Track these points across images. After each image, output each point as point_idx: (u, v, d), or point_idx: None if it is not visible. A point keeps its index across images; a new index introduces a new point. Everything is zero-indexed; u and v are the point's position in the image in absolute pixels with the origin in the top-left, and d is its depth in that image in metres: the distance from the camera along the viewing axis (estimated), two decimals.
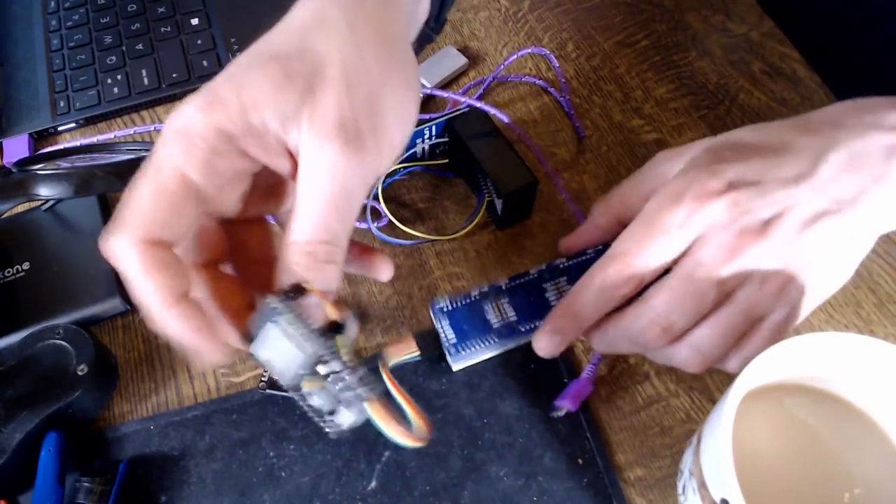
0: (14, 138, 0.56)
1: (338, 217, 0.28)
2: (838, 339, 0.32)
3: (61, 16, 0.62)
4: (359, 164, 0.28)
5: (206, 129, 0.27)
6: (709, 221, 0.31)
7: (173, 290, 0.27)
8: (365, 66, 0.29)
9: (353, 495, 0.40)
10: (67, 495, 0.40)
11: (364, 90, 0.28)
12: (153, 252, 0.26)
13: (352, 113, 0.28)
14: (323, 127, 0.27)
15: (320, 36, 0.29)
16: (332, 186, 0.27)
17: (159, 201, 0.27)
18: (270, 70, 0.28)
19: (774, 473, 0.34)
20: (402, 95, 0.30)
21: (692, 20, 0.58)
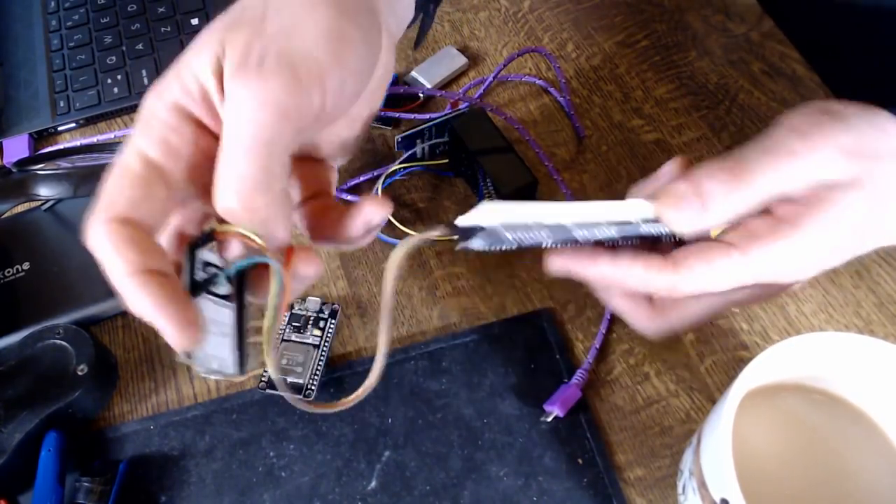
0: (14, 138, 0.56)
1: (244, 156, 0.26)
2: (838, 339, 0.32)
3: (61, 16, 0.62)
4: (257, 91, 0.26)
5: (159, 109, 0.28)
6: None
7: (135, 264, 0.26)
8: (286, 4, 0.28)
9: (353, 495, 0.40)
10: (67, 495, 0.39)
11: (277, 21, 0.28)
12: (119, 229, 0.26)
13: (257, 41, 0.27)
14: (228, 62, 0.27)
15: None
16: (235, 120, 0.27)
17: (123, 182, 0.27)
18: (204, 39, 0.28)
19: (774, 473, 0.34)
20: (332, 25, 0.29)
21: (692, 20, 0.58)
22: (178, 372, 0.45)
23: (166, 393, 0.44)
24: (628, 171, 0.51)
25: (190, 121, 0.28)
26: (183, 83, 0.28)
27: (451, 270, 0.47)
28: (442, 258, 0.48)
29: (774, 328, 0.44)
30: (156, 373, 0.45)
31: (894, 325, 0.43)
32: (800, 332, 0.44)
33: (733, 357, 0.43)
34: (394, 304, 0.30)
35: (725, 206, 0.31)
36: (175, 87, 0.28)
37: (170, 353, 0.45)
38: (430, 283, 0.47)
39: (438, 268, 0.47)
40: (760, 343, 0.43)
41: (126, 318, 0.47)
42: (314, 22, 0.28)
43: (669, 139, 0.52)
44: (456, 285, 0.47)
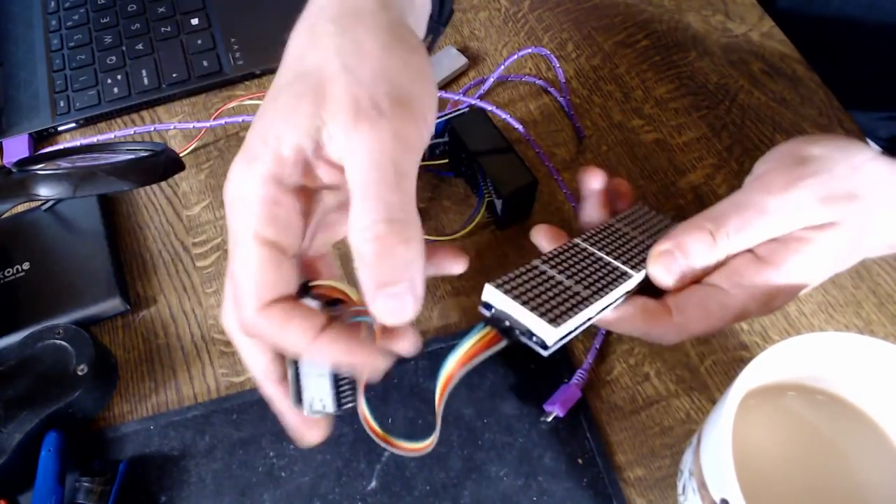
0: (14, 138, 0.56)
1: (389, 188, 0.26)
2: (838, 339, 0.32)
3: (61, 16, 0.62)
4: (387, 129, 0.27)
5: (254, 185, 0.28)
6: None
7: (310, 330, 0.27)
8: (362, 49, 0.29)
9: (353, 495, 0.40)
10: (67, 495, 0.39)
11: (367, 67, 0.28)
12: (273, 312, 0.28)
13: (362, 89, 0.27)
14: (340, 115, 0.27)
15: (315, 50, 0.29)
16: (371, 160, 0.27)
17: (254, 270, 0.28)
18: (281, 101, 0.28)
19: (774, 473, 0.34)
20: (410, 61, 0.30)
21: (692, 20, 0.58)
22: (178, 372, 0.45)
23: (166, 393, 0.44)
24: (628, 171, 0.51)
25: (288, 190, 0.28)
26: (274, 151, 0.28)
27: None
28: None
29: (774, 328, 0.44)
30: (156, 373, 0.45)
31: (894, 325, 0.43)
32: (800, 332, 0.44)
33: (733, 357, 0.43)
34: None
35: (705, 264, 0.35)
36: (265, 157, 0.28)
37: (170, 354, 0.46)
38: (430, 283, 0.47)
39: None
40: (760, 343, 0.43)
41: (126, 318, 0.47)
42: (402, 62, 0.29)
43: (669, 139, 0.52)
44: (456, 285, 0.47)
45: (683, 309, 0.34)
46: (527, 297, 0.31)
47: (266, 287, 0.28)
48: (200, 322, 0.47)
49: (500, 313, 0.31)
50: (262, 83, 0.58)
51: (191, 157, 0.54)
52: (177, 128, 0.55)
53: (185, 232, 0.51)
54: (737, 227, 0.34)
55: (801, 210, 0.33)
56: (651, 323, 0.34)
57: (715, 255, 0.34)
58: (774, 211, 0.34)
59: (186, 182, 0.53)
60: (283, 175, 0.28)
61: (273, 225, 0.28)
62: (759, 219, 0.34)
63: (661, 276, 0.35)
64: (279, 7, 0.60)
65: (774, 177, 0.35)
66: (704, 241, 0.34)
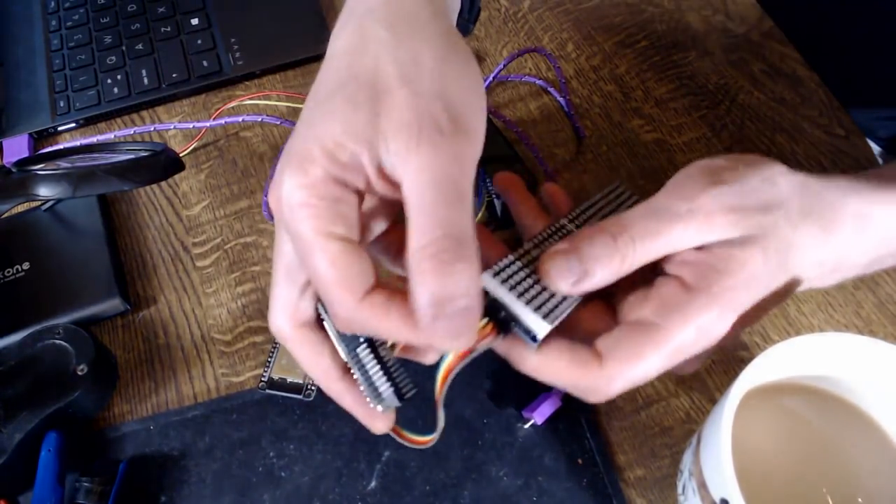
0: (14, 138, 0.56)
1: (448, 206, 0.26)
2: (838, 339, 0.32)
3: (61, 16, 0.62)
4: (448, 150, 0.27)
5: (318, 188, 0.27)
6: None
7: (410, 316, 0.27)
8: (419, 61, 0.28)
9: (353, 495, 0.40)
10: (67, 495, 0.39)
11: (426, 81, 0.28)
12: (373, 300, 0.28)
13: (423, 107, 0.27)
14: (401, 129, 0.27)
15: (368, 54, 0.29)
16: (431, 178, 0.26)
17: (341, 264, 0.27)
18: (336, 107, 0.28)
19: (774, 473, 0.34)
20: (465, 74, 0.29)
21: (692, 20, 0.58)
22: (178, 372, 0.45)
23: (166, 393, 0.44)
24: (628, 171, 0.51)
25: (347, 188, 0.28)
26: (331, 155, 0.27)
27: None
28: None
29: (774, 328, 0.44)
30: (156, 373, 0.45)
31: (894, 325, 0.43)
32: (800, 332, 0.44)
33: (733, 357, 0.43)
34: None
35: (606, 271, 0.31)
36: (322, 161, 0.27)
37: (170, 354, 0.46)
38: None
39: None
40: (760, 343, 0.43)
41: (126, 318, 0.47)
42: (458, 79, 0.29)
43: (669, 139, 0.52)
44: None
45: (613, 353, 0.30)
46: (521, 288, 0.31)
47: (359, 278, 0.27)
48: (200, 322, 0.47)
49: (496, 302, 0.32)
50: (262, 83, 0.58)
51: (191, 157, 0.54)
52: (177, 128, 0.55)
53: (185, 232, 0.51)
54: (643, 232, 0.31)
55: (712, 218, 0.31)
56: (576, 373, 0.31)
57: (616, 262, 0.31)
58: (686, 216, 0.31)
59: (186, 182, 0.53)
60: (342, 176, 0.27)
61: (343, 223, 0.27)
62: (668, 224, 0.31)
63: (553, 280, 0.31)
64: (279, 7, 0.60)
65: (686, 184, 0.32)
66: (604, 244, 0.31)
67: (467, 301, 0.26)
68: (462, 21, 0.41)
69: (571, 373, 0.31)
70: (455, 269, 0.26)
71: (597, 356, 0.31)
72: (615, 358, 0.30)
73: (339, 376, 0.31)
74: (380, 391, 0.31)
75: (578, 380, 0.31)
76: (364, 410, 0.32)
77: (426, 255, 0.26)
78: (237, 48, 0.59)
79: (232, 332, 0.46)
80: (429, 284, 0.26)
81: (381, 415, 0.32)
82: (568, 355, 0.31)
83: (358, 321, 0.28)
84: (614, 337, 0.31)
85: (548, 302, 0.31)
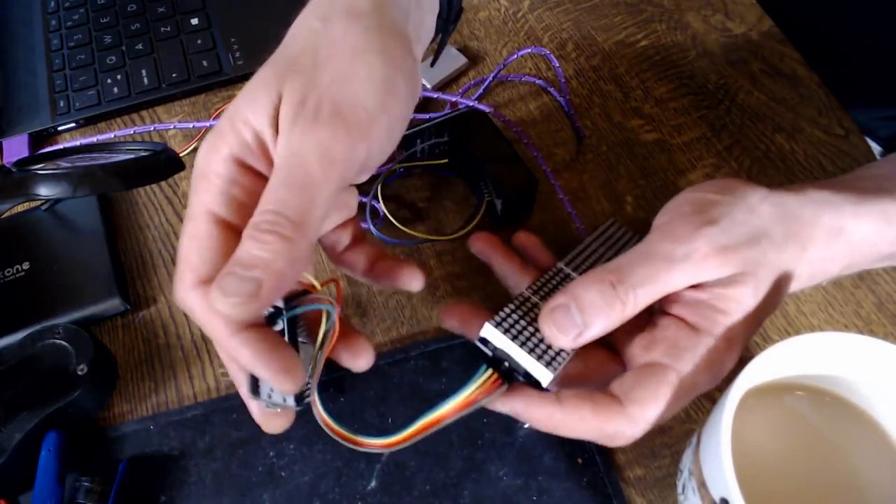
0: (14, 138, 0.56)
1: (288, 189, 0.27)
2: (838, 339, 0.32)
3: (61, 16, 0.62)
4: (314, 137, 0.27)
5: (217, 164, 0.28)
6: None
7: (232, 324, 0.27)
8: (333, 52, 0.29)
9: (353, 495, 0.40)
10: (67, 495, 0.39)
11: (329, 71, 0.28)
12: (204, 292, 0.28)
13: (312, 92, 0.28)
14: (286, 111, 0.28)
15: (297, 43, 0.30)
16: (285, 160, 0.27)
17: (199, 244, 0.28)
18: (252, 85, 0.29)
19: (774, 473, 0.34)
20: (377, 71, 0.29)
21: (692, 20, 0.58)
22: (178, 372, 0.45)
23: (166, 393, 0.44)
24: (628, 171, 0.51)
25: (247, 171, 0.29)
26: (238, 134, 0.28)
27: (450, 270, 0.47)
28: (442, 258, 0.48)
29: (774, 328, 0.44)
30: (156, 373, 0.45)
31: (894, 325, 0.43)
32: (799, 331, 0.44)
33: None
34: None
35: (607, 321, 0.31)
36: (230, 138, 0.28)
37: (170, 354, 0.46)
38: (430, 283, 0.47)
39: (438, 268, 0.47)
40: (760, 343, 0.43)
41: (126, 318, 0.47)
42: (366, 72, 0.29)
43: (669, 139, 0.52)
44: (456, 285, 0.47)
45: (633, 396, 0.31)
46: (523, 337, 0.32)
47: (205, 264, 0.28)
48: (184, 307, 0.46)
49: (498, 352, 0.33)
50: None
51: (191, 156, 0.54)
52: (177, 127, 0.55)
53: None
54: (642, 279, 0.31)
55: (707, 260, 0.31)
56: (603, 418, 0.31)
57: (617, 312, 0.31)
58: (682, 260, 0.31)
59: (186, 182, 0.53)
60: (245, 157, 0.28)
61: (227, 204, 0.28)
62: (666, 269, 0.31)
63: (553, 336, 0.31)
64: (279, 7, 0.60)
65: (677, 225, 0.33)
66: (605, 294, 0.31)
67: (261, 273, 0.25)
68: (441, 22, 0.41)
69: (597, 420, 0.31)
70: (265, 239, 0.26)
71: (616, 400, 0.31)
72: (636, 401, 0.31)
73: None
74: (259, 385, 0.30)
75: (604, 426, 0.31)
76: (256, 408, 0.32)
77: (249, 227, 0.26)
78: (237, 48, 0.59)
79: None
80: (241, 247, 0.26)
81: (270, 414, 0.32)
82: (589, 403, 0.31)
83: (183, 303, 0.28)
84: (630, 381, 0.32)
85: (549, 349, 0.32)
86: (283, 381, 0.27)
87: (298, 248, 0.26)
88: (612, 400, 0.31)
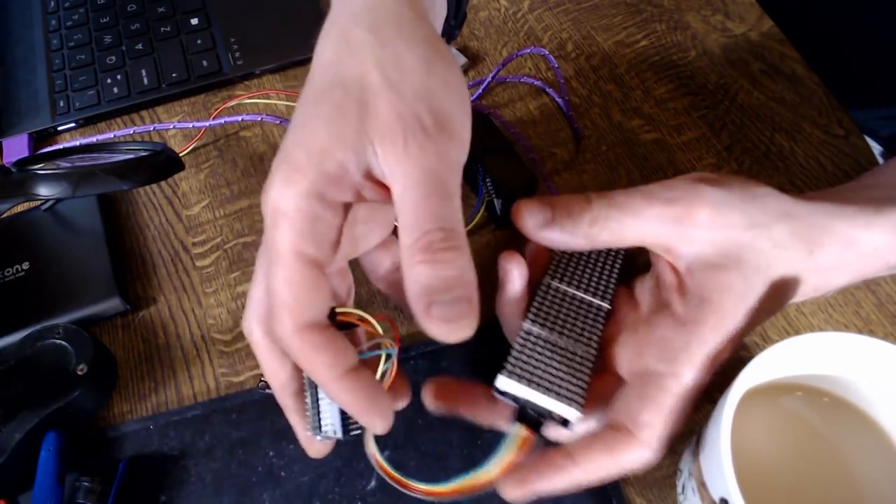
0: (14, 138, 0.56)
1: (438, 202, 0.27)
2: (838, 339, 0.32)
3: (61, 16, 0.62)
4: (433, 150, 0.27)
5: (296, 200, 0.27)
6: None
7: (334, 369, 0.28)
8: (403, 65, 0.28)
9: (353, 495, 0.40)
10: (67, 495, 0.39)
11: (409, 84, 0.28)
12: (310, 338, 0.28)
13: (407, 108, 0.27)
14: (386, 133, 0.27)
15: (353, 59, 0.29)
16: (419, 178, 0.27)
17: (295, 288, 0.28)
18: (323, 113, 0.28)
19: (774, 473, 0.34)
20: (448, 78, 0.29)
21: (692, 20, 0.58)
22: (178, 372, 0.45)
23: (166, 393, 0.44)
24: (628, 171, 0.51)
25: (329, 206, 0.28)
26: (317, 168, 0.27)
27: None
28: None
29: (774, 328, 0.44)
30: (156, 373, 0.45)
31: (894, 325, 0.43)
32: (799, 332, 0.44)
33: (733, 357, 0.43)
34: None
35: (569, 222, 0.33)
36: (308, 171, 0.27)
37: (170, 354, 0.46)
38: None
39: None
40: (760, 343, 0.43)
41: (126, 318, 0.47)
42: (442, 81, 0.29)
43: (669, 139, 0.52)
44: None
45: (639, 419, 0.31)
46: (539, 380, 0.32)
47: (305, 307, 0.28)
48: (200, 322, 0.47)
49: (520, 400, 0.32)
50: (262, 83, 0.58)
51: (190, 156, 0.54)
52: (176, 127, 0.55)
53: (185, 232, 0.51)
54: (619, 203, 0.32)
55: (694, 209, 0.31)
56: (620, 457, 0.30)
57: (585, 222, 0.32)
58: (666, 201, 0.31)
59: (186, 182, 0.53)
60: (325, 191, 0.28)
61: (314, 242, 0.28)
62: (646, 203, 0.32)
63: (519, 220, 0.33)
64: (279, 7, 0.60)
65: (676, 180, 0.33)
66: (579, 201, 0.32)
67: (462, 292, 0.26)
68: (447, 27, 0.41)
69: (614, 462, 0.31)
70: (447, 258, 0.26)
71: (626, 433, 0.31)
72: (645, 425, 0.30)
73: (293, 393, 0.32)
74: (321, 422, 0.31)
75: (622, 464, 0.31)
76: (303, 432, 0.32)
77: (417, 248, 0.26)
78: (237, 48, 0.59)
79: (231, 332, 0.46)
80: (421, 274, 0.26)
81: (317, 442, 0.33)
82: (602, 447, 0.31)
83: (291, 348, 0.28)
84: (634, 402, 0.31)
85: (566, 383, 0.32)
86: (377, 426, 0.29)
87: (469, 256, 0.27)
88: (622, 435, 0.31)
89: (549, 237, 0.33)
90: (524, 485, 0.31)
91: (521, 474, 0.31)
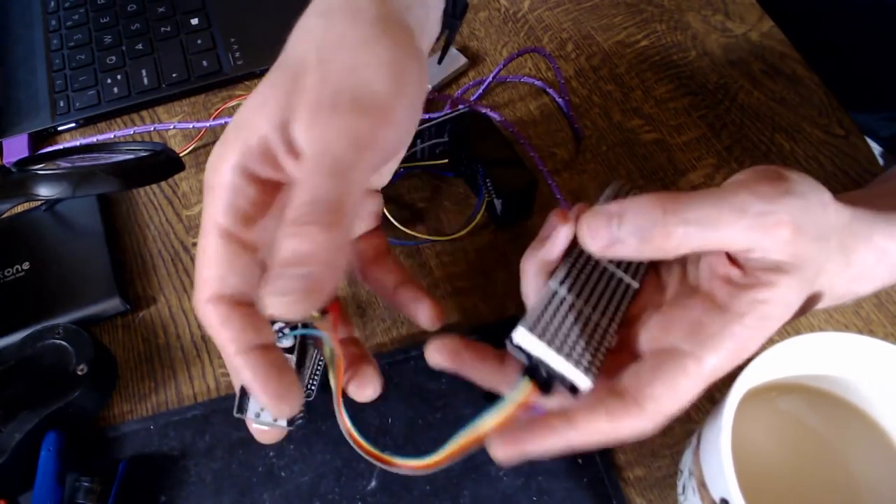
0: (14, 138, 0.56)
1: (321, 178, 0.26)
2: (838, 339, 0.32)
3: (61, 16, 0.62)
4: (337, 126, 0.27)
5: (222, 174, 0.28)
6: None
7: (237, 343, 0.28)
8: (341, 44, 0.29)
9: (353, 495, 0.40)
10: (67, 495, 0.39)
11: (340, 61, 0.28)
12: (216, 310, 0.28)
13: (328, 84, 0.27)
14: (304, 107, 0.27)
15: (301, 43, 0.30)
16: (313, 151, 0.27)
17: (208, 260, 0.28)
18: (258, 91, 0.29)
19: (774, 473, 0.34)
20: (388, 53, 0.29)
21: (692, 20, 0.58)
22: (178, 372, 0.45)
23: (166, 393, 0.44)
24: (628, 171, 0.51)
25: (253, 180, 0.28)
26: (243, 141, 0.28)
27: (451, 270, 0.47)
28: (442, 258, 0.48)
29: None
30: (156, 373, 0.45)
31: (894, 325, 0.43)
32: (799, 331, 0.44)
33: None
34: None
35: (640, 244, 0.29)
36: (235, 146, 0.28)
37: (170, 354, 0.46)
38: (430, 283, 0.47)
39: (438, 268, 0.47)
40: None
41: (126, 318, 0.47)
42: (377, 60, 0.28)
43: (669, 139, 0.52)
44: (456, 285, 0.47)
45: (649, 391, 0.29)
46: (559, 341, 0.30)
47: (215, 280, 0.28)
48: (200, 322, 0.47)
49: (534, 358, 0.31)
50: None
51: (191, 156, 0.54)
52: (176, 128, 0.55)
53: (185, 232, 0.51)
54: (700, 218, 0.28)
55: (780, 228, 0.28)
56: (619, 424, 0.29)
57: (657, 240, 0.28)
58: (756, 215, 0.28)
59: (186, 182, 0.53)
60: (249, 165, 0.28)
61: (232, 215, 0.28)
62: (734, 218, 0.28)
63: (583, 237, 0.30)
64: (279, 7, 0.60)
65: (762, 183, 0.29)
66: (652, 216, 0.28)
67: (310, 268, 0.25)
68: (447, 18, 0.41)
69: (612, 428, 0.29)
70: (307, 231, 0.25)
71: (632, 401, 0.29)
72: (653, 397, 0.29)
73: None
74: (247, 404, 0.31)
75: (620, 431, 0.29)
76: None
77: (288, 220, 0.26)
78: (237, 48, 0.59)
79: None
80: (281, 246, 0.25)
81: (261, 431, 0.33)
82: (603, 415, 0.29)
83: (200, 318, 0.29)
84: (646, 373, 0.30)
85: (585, 352, 0.30)
86: (276, 407, 0.28)
87: (340, 236, 0.26)
88: (626, 403, 0.29)
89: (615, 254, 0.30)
90: (515, 444, 0.30)
91: (512, 434, 0.30)
